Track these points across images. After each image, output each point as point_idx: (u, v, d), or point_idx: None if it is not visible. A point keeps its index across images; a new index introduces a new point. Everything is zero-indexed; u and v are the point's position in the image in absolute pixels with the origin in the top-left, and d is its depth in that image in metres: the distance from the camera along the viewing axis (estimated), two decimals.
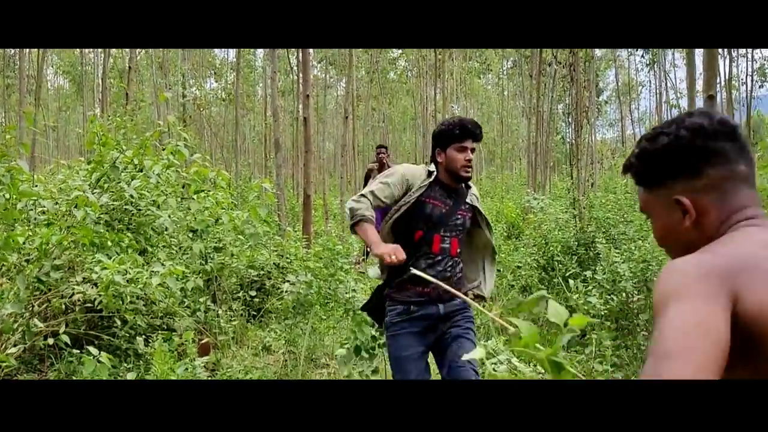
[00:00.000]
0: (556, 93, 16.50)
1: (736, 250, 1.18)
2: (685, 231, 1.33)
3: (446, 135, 3.26)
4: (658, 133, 1.37)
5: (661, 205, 1.37)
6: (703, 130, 1.31)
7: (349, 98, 14.98)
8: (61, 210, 4.87)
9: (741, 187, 1.31)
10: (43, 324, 4.48)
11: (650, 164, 1.38)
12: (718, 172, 1.30)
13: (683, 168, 1.32)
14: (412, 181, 3.22)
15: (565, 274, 6.35)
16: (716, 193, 1.30)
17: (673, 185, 1.33)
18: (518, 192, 19.50)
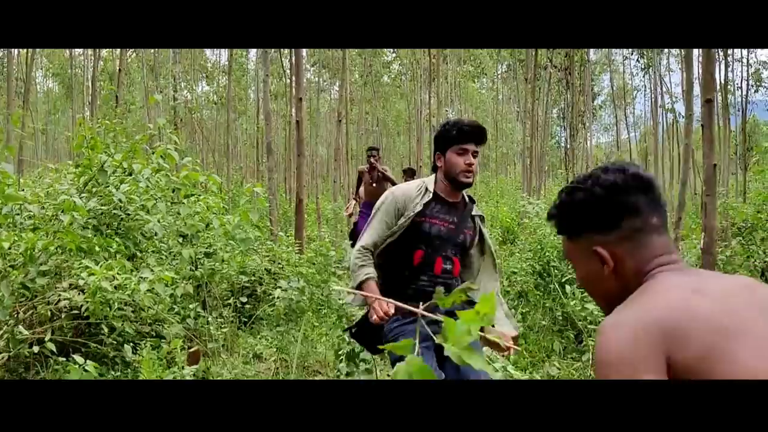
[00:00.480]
0: (551, 97, 16.52)
1: (665, 300, 1.26)
2: (605, 279, 1.43)
3: (445, 137, 3.09)
4: (575, 188, 1.47)
5: (581, 255, 1.46)
6: (616, 187, 1.41)
7: (343, 102, 14.95)
8: (47, 214, 4.80)
9: (654, 237, 1.41)
10: (29, 331, 4.41)
11: (569, 217, 1.48)
12: (632, 225, 1.40)
13: (599, 222, 1.42)
14: (404, 204, 3.07)
15: (561, 280, 6.32)
16: (631, 244, 1.40)
17: (592, 237, 1.43)
18: (513, 196, 19.50)
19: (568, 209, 1.48)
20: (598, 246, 1.42)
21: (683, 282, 1.32)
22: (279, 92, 25.69)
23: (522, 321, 6.16)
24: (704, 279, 1.34)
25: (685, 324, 1.20)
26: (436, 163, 3.14)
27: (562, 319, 6.11)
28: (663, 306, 1.25)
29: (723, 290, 1.29)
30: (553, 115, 21.01)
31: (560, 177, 13.72)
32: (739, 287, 1.33)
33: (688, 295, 1.26)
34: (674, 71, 37.80)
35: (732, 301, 1.26)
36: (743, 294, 1.30)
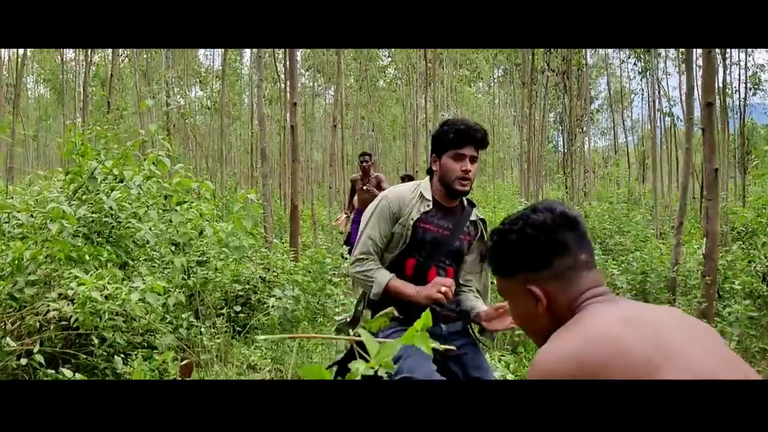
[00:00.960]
0: (548, 101, 16.50)
1: (594, 332, 1.33)
2: (539, 317, 1.50)
3: (441, 139, 2.86)
4: (507, 229, 1.55)
5: (516, 293, 1.54)
6: (546, 227, 1.50)
7: (338, 106, 14.91)
8: (36, 223, 4.73)
9: (584, 274, 1.49)
10: (17, 343, 4.34)
11: (504, 258, 1.56)
12: (562, 263, 1.49)
13: (532, 261, 1.51)
14: (399, 208, 2.86)
15: None
16: (563, 281, 1.48)
17: (526, 276, 1.51)
18: (510, 201, 19.46)
19: (503, 250, 1.56)
20: (532, 285, 1.50)
21: (613, 313, 1.38)
22: (273, 97, 25.63)
23: (519, 328, 6.10)
24: (633, 310, 1.41)
25: (611, 360, 1.26)
26: (432, 166, 2.93)
27: None
28: (591, 338, 1.31)
29: (652, 321, 1.35)
30: (550, 119, 21.00)
31: (558, 182, 13.68)
32: (667, 318, 1.40)
33: (618, 326, 1.32)
34: (672, 74, 38.34)
35: (660, 332, 1.31)
36: (672, 325, 1.36)
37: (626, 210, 8.19)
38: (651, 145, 20.84)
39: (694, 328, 1.40)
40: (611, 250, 6.95)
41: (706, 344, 1.34)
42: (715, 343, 1.37)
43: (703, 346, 1.33)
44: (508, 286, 1.58)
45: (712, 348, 1.33)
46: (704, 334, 1.40)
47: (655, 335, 1.30)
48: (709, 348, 1.33)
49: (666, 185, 21.57)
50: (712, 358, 1.29)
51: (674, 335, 1.32)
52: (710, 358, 1.29)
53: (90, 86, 17.80)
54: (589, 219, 7.61)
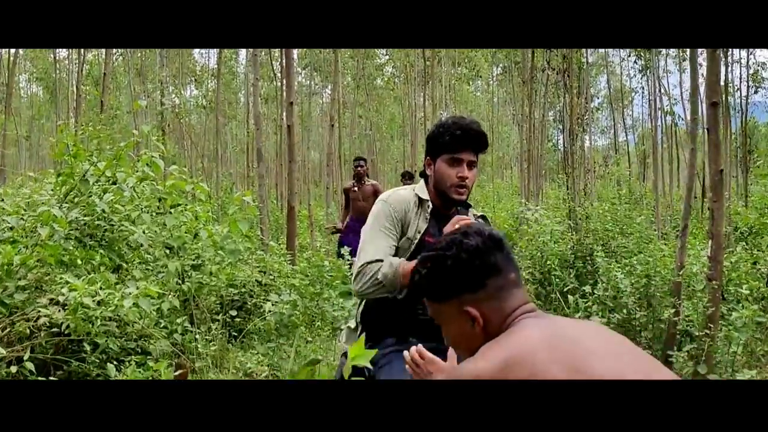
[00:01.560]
0: (547, 99, 16.46)
1: (513, 355, 1.42)
2: (475, 336, 1.59)
3: (436, 141, 2.60)
4: (441, 255, 1.64)
5: (452, 316, 1.63)
6: (479, 250, 1.61)
7: (335, 105, 14.84)
8: (27, 226, 4.66)
9: (514, 291, 1.62)
10: (7, 350, 4.27)
11: (438, 283, 1.64)
12: (495, 283, 1.60)
13: (468, 284, 1.60)
14: (404, 215, 2.59)
15: (563, 289, 6.21)
16: (496, 301, 1.59)
17: (461, 298, 1.61)
18: (510, 201, 19.41)
19: (439, 276, 1.65)
20: (468, 306, 1.60)
21: (536, 333, 1.48)
22: (270, 95, 25.56)
23: None
24: (556, 329, 1.50)
25: (539, 370, 1.36)
26: (426, 169, 2.68)
27: None
28: (508, 360, 1.41)
29: (572, 340, 1.45)
30: (550, 118, 20.95)
31: (559, 181, 13.63)
32: (589, 336, 1.49)
33: (537, 347, 1.41)
34: (672, 72, 38.37)
35: (577, 352, 1.41)
36: (592, 343, 1.45)
37: (628, 210, 8.14)
38: (652, 144, 20.79)
39: (615, 346, 1.50)
40: (614, 252, 6.89)
41: (626, 362, 1.43)
42: (637, 360, 1.47)
43: (624, 364, 1.42)
44: (442, 310, 1.66)
45: (631, 365, 1.43)
46: (626, 352, 1.49)
47: (572, 355, 1.39)
48: (629, 365, 1.42)
49: (667, 184, 21.52)
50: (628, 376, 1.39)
51: (592, 354, 1.41)
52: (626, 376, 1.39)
53: (83, 85, 17.70)
54: (591, 220, 7.56)
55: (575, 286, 6.12)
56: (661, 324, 5.40)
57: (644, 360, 1.49)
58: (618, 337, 1.58)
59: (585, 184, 10.40)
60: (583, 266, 6.89)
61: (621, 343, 1.53)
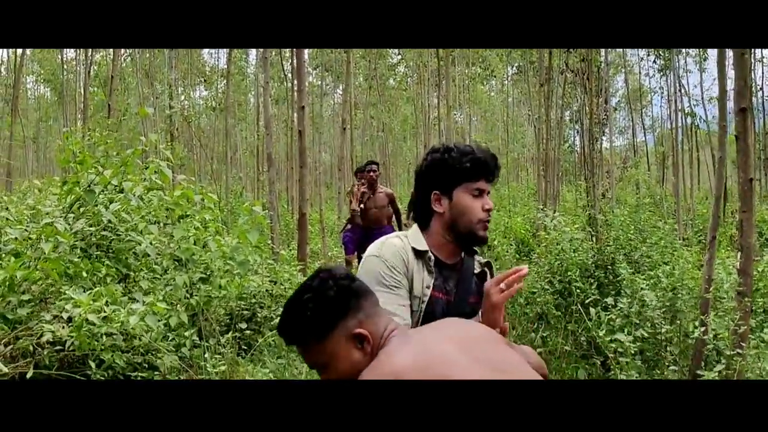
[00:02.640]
0: (564, 100, 16.31)
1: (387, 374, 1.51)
2: (362, 360, 1.65)
3: (452, 170, 2.16)
4: (308, 297, 1.70)
5: (339, 348, 1.67)
6: (342, 279, 1.72)
7: (347, 108, 14.76)
8: (30, 238, 4.60)
9: (380, 309, 1.75)
10: (10, 366, 4.20)
11: (320, 319, 1.68)
12: (368, 303, 1.72)
13: (347, 309, 1.68)
14: (406, 268, 2.13)
15: (584, 301, 6.08)
16: (373, 318, 1.70)
17: (345, 324, 1.67)
18: (526, 204, 19.24)
19: (315, 315, 1.68)
20: (356, 329, 1.67)
21: (409, 348, 1.58)
22: (280, 96, 25.53)
23: (542, 345, 5.93)
24: (423, 344, 1.61)
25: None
26: (433, 207, 2.19)
27: (586, 345, 5.88)
28: (397, 366, 1.52)
29: (436, 355, 1.55)
30: (566, 118, 20.78)
31: (576, 184, 13.45)
32: (452, 347, 1.58)
33: (405, 368, 1.50)
34: (692, 72, 38.03)
35: (441, 366, 1.51)
36: (455, 356, 1.56)
37: (650, 217, 7.99)
38: (671, 146, 20.58)
39: (483, 353, 1.61)
40: (637, 262, 6.75)
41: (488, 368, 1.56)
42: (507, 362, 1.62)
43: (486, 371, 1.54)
44: (326, 349, 1.68)
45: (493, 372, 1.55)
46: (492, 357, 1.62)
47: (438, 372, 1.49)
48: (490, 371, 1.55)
49: (687, 187, 21.29)
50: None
51: (456, 366, 1.52)
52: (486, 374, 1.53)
53: (91, 86, 17.72)
54: (613, 228, 7.42)
55: (597, 298, 5.99)
56: (688, 339, 5.27)
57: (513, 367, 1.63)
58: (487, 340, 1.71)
59: (605, 189, 10.24)
60: (604, 276, 6.75)
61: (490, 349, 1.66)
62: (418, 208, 2.25)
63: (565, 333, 6.09)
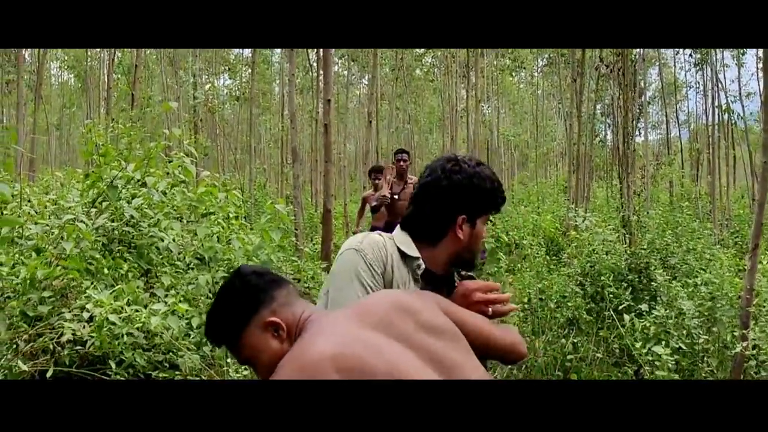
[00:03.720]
0: (597, 94, 16.10)
1: (302, 365, 1.53)
2: (281, 349, 1.71)
3: (485, 199, 2.11)
4: (222, 295, 1.80)
5: (257, 341, 1.74)
6: (255, 273, 1.81)
7: (373, 101, 14.67)
8: (51, 234, 4.59)
9: (298, 298, 1.82)
10: (29, 363, 4.20)
11: (233, 313, 1.76)
12: (281, 293, 1.79)
13: (259, 300, 1.76)
14: (384, 269, 2.05)
15: (617, 307, 5.96)
16: (287, 306, 1.77)
17: (261, 315, 1.74)
18: (555, 200, 19.06)
19: (229, 308, 1.77)
20: (269, 317, 1.74)
21: (323, 339, 1.59)
22: (305, 86, 25.50)
23: (573, 352, 5.82)
24: (345, 332, 1.62)
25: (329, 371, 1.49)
26: (457, 231, 2.09)
27: (619, 352, 5.76)
28: (299, 372, 1.52)
29: (362, 340, 1.58)
30: (597, 112, 20.52)
31: (608, 182, 13.22)
32: (376, 333, 1.62)
33: (323, 357, 1.51)
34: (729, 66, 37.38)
35: (366, 351, 1.54)
36: (380, 340, 1.60)
37: (688, 221, 7.82)
38: (707, 142, 20.25)
39: (407, 331, 1.65)
40: (673, 267, 6.60)
41: (409, 355, 1.59)
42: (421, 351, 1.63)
43: (406, 358, 1.58)
44: (247, 343, 1.75)
45: (413, 359, 1.59)
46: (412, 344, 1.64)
47: (358, 359, 1.51)
48: (410, 359, 1.59)
49: (723, 185, 20.95)
50: (416, 362, 1.58)
51: (379, 352, 1.55)
52: (415, 362, 1.58)
53: (115, 74, 17.79)
54: (648, 230, 7.27)
55: (631, 303, 5.86)
56: (726, 350, 5.14)
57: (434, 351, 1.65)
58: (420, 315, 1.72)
59: (640, 189, 10.06)
60: (638, 281, 6.62)
61: (413, 331, 1.67)
62: (430, 225, 2.11)
63: (596, 339, 5.97)
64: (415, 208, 2.15)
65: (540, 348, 5.98)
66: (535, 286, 6.77)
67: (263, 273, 1.82)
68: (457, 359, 1.67)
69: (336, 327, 1.64)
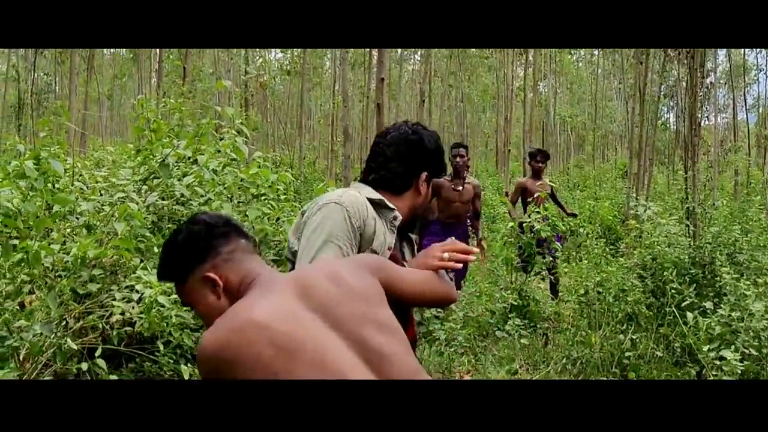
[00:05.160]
0: (661, 75, 15.67)
1: (234, 329, 1.57)
2: (221, 304, 1.77)
3: (441, 161, 2.42)
4: (172, 238, 1.86)
5: (197, 291, 1.81)
6: (206, 223, 1.84)
7: (426, 79, 14.51)
8: (103, 211, 4.64)
9: (248, 256, 1.84)
10: (78, 341, 4.26)
11: (176, 260, 1.83)
12: (226, 248, 1.82)
13: (201, 253, 1.81)
14: (363, 223, 2.16)
15: (679, 303, 5.79)
16: (230, 263, 1.80)
17: (201, 267, 1.79)
18: (612, 186, 18.69)
19: (174, 254, 1.84)
20: (207, 272, 1.78)
21: (258, 305, 1.63)
22: (356, 62, 25.41)
23: (632, 349, 5.68)
24: (282, 300, 1.66)
25: (239, 357, 1.53)
26: (419, 184, 2.35)
27: (680, 351, 5.60)
28: (230, 337, 1.56)
29: (293, 313, 1.63)
30: (660, 94, 20.01)
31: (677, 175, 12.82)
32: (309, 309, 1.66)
33: (254, 322, 1.57)
34: None
35: (296, 326, 1.59)
36: (327, 307, 1.67)
37: (756, 214, 7.55)
38: None
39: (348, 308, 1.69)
40: (740, 264, 6.38)
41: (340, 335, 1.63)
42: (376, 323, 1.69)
43: (346, 340, 1.62)
44: (188, 288, 1.82)
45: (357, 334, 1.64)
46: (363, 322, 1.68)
47: (287, 330, 1.56)
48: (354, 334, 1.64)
49: None
50: (346, 354, 1.59)
51: (311, 326, 1.60)
52: (344, 354, 1.59)
53: None
54: (714, 224, 7.04)
55: (694, 300, 5.69)
56: None
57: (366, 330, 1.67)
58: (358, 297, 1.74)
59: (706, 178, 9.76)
60: (702, 276, 6.42)
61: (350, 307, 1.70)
62: (398, 177, 2.33)
63: (656, 336, 5.82)
64: (384, 161, 2.35)
65: (596, 343, 5.86)
66: (593, 278, 6.63)
67: (214, 224, 1.85)
68: (384, 349, 1.66)
69: (276, 297, 1.68)
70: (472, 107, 31.29)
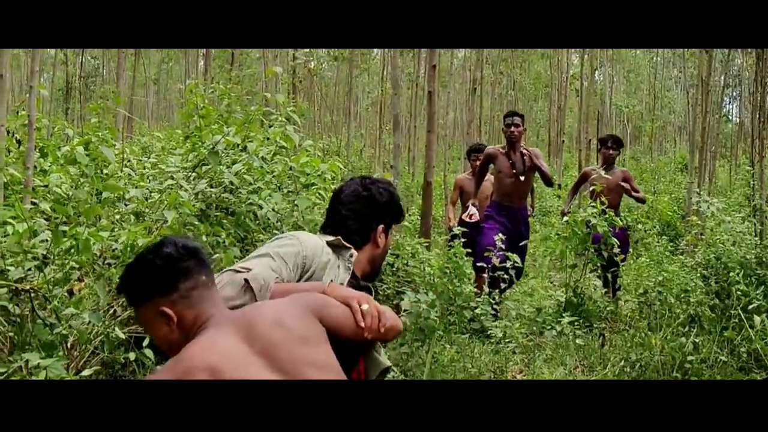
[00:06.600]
0: (725, 65, 15.23)
1: (186, 370, 1.71)
2: (174, 335, 1.89)
3: (399, 213, 2.66)
4: (137, 264, 1.93)
5: (153, 318, 1.90)
6: (170, 257, 1.90)
7: (478, 66, 14.35)
8: (152, 198, 4.67)
9: (204, 293, 1.93)
10: (126, 330, 4.30)
11: (135, 288, 1.92)
12: (186, 285, 1.90)
13: (161, 287, 1.89)
14: (312, 261, 2.35)
15: (746, 306, 5.61)
16: (188, 300, 1.89)
17: (156, 301, 1.89)
18: (672, 179, 18.29)
19: (135, 281, 1.92)
20: (164, 307, 1.88)
21: (211, 346, 1.77)
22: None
23: (695, 352, 5.52)
24: (233, 340, 1.81)
25: None
26: (377, 237, 2.56)
27: (746, 356, 5.42)
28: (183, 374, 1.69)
29: (243, 351, 1.79)
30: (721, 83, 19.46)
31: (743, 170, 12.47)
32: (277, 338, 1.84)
33: (215, 360, 1.72)
34: None
35: (247, 362, 1.76)
36: (271, 350, 1.82)
37: None
38: None
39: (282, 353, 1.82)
40: None
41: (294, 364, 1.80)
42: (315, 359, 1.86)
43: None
44: (143, 314, 1.93)
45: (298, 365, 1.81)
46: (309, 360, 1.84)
47: (237, 376, 1.69)
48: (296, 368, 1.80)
49: None
50: None
51: (257, 372, 1.74)
52: None
53: None
54: None
55: (761, 303, 5.50)
56: None
57: None
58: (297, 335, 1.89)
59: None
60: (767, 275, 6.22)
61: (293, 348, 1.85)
62: (355, 233, 2.53)
63: (720, 340, 5.65)
64: (340, 220, 2.56)
65: (656, 345, 5.71)
66: (654, 277, 6.46)
67: (178, 258, 1.90)
68: None
69: (226, 341, 1.79)
70: (524, 96, 30.94)
